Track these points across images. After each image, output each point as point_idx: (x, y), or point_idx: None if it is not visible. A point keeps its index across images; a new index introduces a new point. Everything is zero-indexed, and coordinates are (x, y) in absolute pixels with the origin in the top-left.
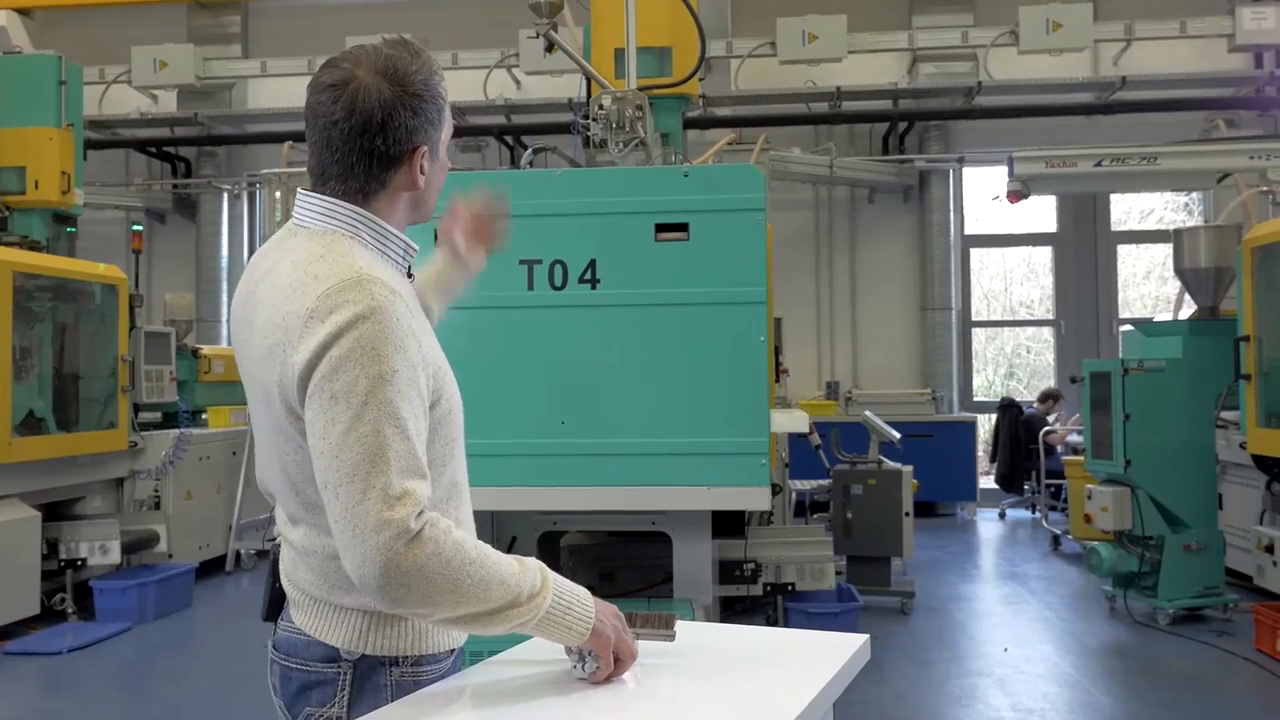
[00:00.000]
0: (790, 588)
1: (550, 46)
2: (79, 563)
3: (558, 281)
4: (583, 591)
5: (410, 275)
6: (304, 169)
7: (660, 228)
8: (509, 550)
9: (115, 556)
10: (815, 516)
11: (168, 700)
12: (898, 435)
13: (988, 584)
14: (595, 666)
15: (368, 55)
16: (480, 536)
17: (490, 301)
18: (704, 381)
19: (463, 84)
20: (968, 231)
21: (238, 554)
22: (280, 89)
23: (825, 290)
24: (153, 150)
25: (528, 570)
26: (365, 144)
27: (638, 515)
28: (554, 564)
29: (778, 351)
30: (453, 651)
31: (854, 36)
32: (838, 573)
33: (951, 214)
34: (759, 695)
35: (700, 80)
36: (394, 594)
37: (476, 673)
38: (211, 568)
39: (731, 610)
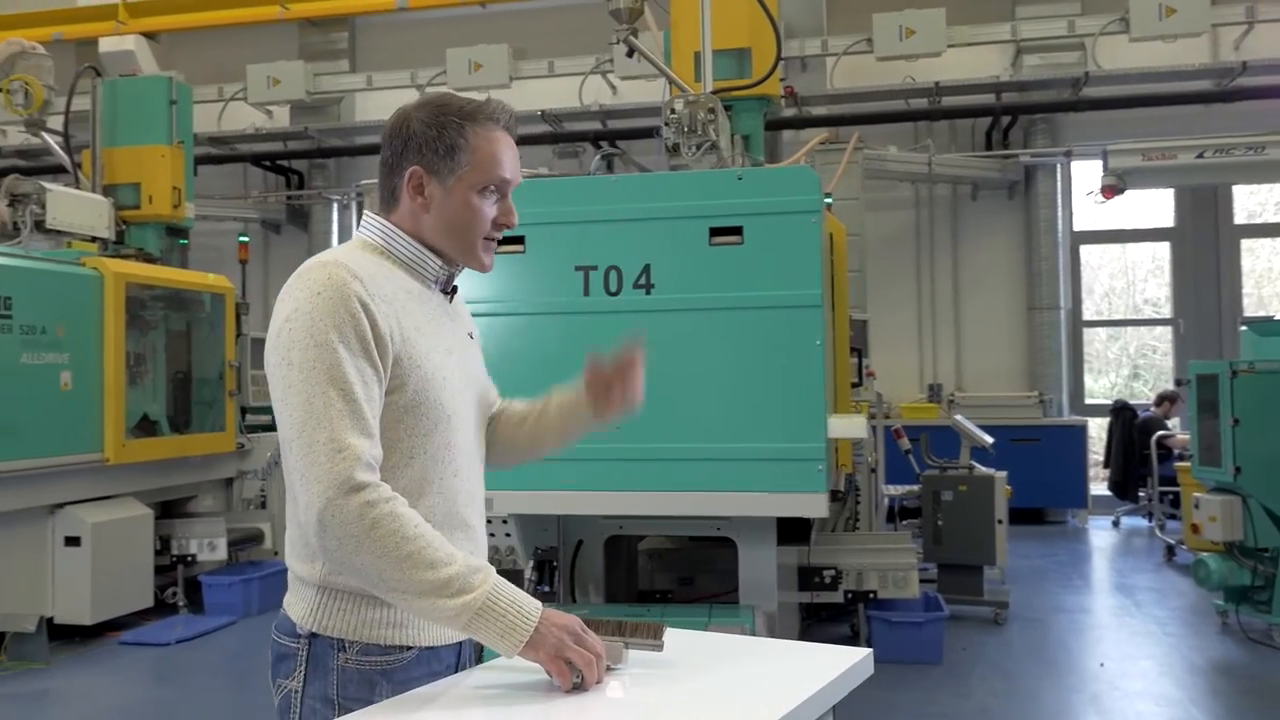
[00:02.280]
0: (872, 595)
1: (631, 51)
2: (189, 558)
3: (613, 287)
4: (529, 605)
5: (449, 292)
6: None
7: (715, 231)
8: (575, 554)
9: (223, 553)
10: (905, 523)
11: (269, 691)
12: (990, 440)
13: (1092, 595)
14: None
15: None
16: (546, 541)
17: (547, 307)
18: (759, 386)
19: (559, 91)
20: (1077, 227)
21: None
22: (385, 101)
23: (926, 290)
24: (267, 164)
25: (468, 569)
26: (383, 155)
27: (702, 521)
28: (632, 568)
29: (859, 354)
30: (410, 649)
31: (953, 30)
32: (928, 581)
33: (1059, 210)
34: (730, 706)
35: (782, 80)
36: (325, 543)
37: (463, 678)
38: None
39: (816, 618)
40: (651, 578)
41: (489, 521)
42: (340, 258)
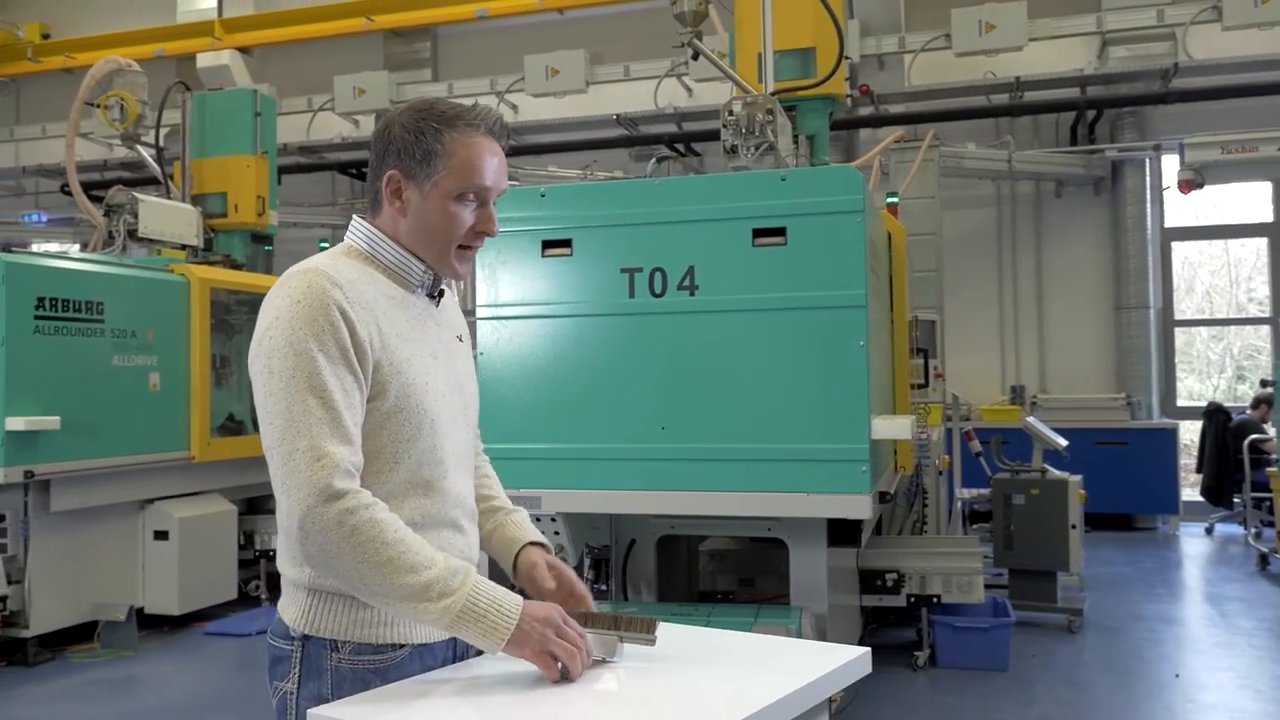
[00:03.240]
0: (936, 600)
1: (695, 55)
2: (272, 553)
3: (658, 289)
4: (509, 603)
5: (435, 296)
6: None
7: (758, 233)
8: (627, 553)
9: None
10: (975, 527)
11: None
12: (1063, 443)
13: (1175, 604)
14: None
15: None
16: (599, 539)
17: (593, 309)
18: (802, 387)
19: (634, 95)
20: (1168, 224)
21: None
22: None
23: (1009, 290)
24: (353, 172)
25: (448, 571)
26: (370, 159)
27: (750, 521)
28: (692, 568)
29: (925, 354)
30: (403, 646)
31: (1035, 23)
32: (999, 587)
33: (1148, 206)
34: (710, 698)
35: (847, 80)
36: (307, 549)
37: (450, 671)
38: None
39: (884, 622)
40: (713, 578)
41: (537, 520)
42: (321, 265)
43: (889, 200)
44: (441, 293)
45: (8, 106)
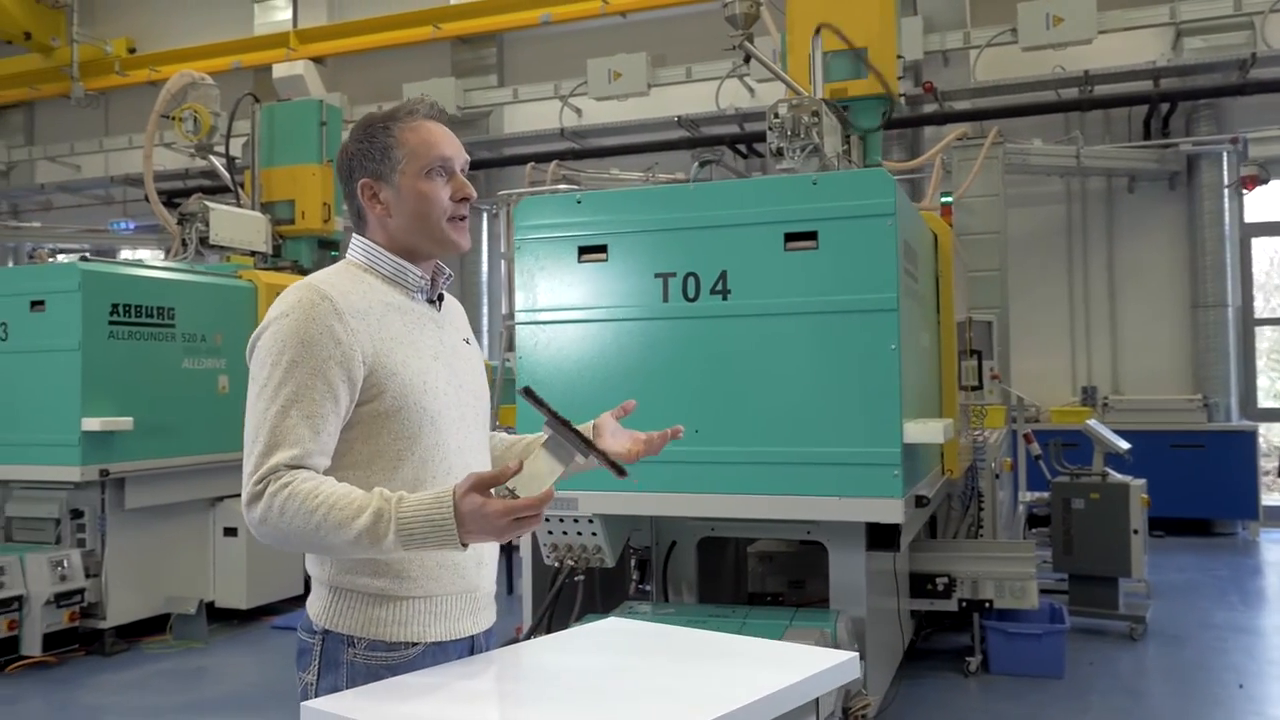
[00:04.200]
0: (988, 605)
1: (748, 58)
2: None
3: (690, 293)
4: (437, 510)
5: (435, 301)
6: (544, 189)
7: (789, 237)
8: (667, 555)
9: None
10: (1034, 531)
11: None
12: (1125, 445)
13: (1247, 612)
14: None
15: None
16: (640, 541)
17: (628, 314)
18: (835, 391)
19: (696, 96)
20: (1248, 219)
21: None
22: (531, 113)
23: (1079, 288)
24: None
25: (373, 517)
26: (341, 187)
27: (789, 524)
28: (740, 569)
29: (979, 355)
30: (415, 645)
31: (1105, 15)
32: (1059, 592)
33: (1226, 200)
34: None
35: (900, 78)
36: (265, 540)
37: (450, 670)
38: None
39: (939, 626)
40: (762, 580)
41: (575, 520)
42: (315, 279)
43: (943, 200)
44: (441, 297)
45: (97, 119)
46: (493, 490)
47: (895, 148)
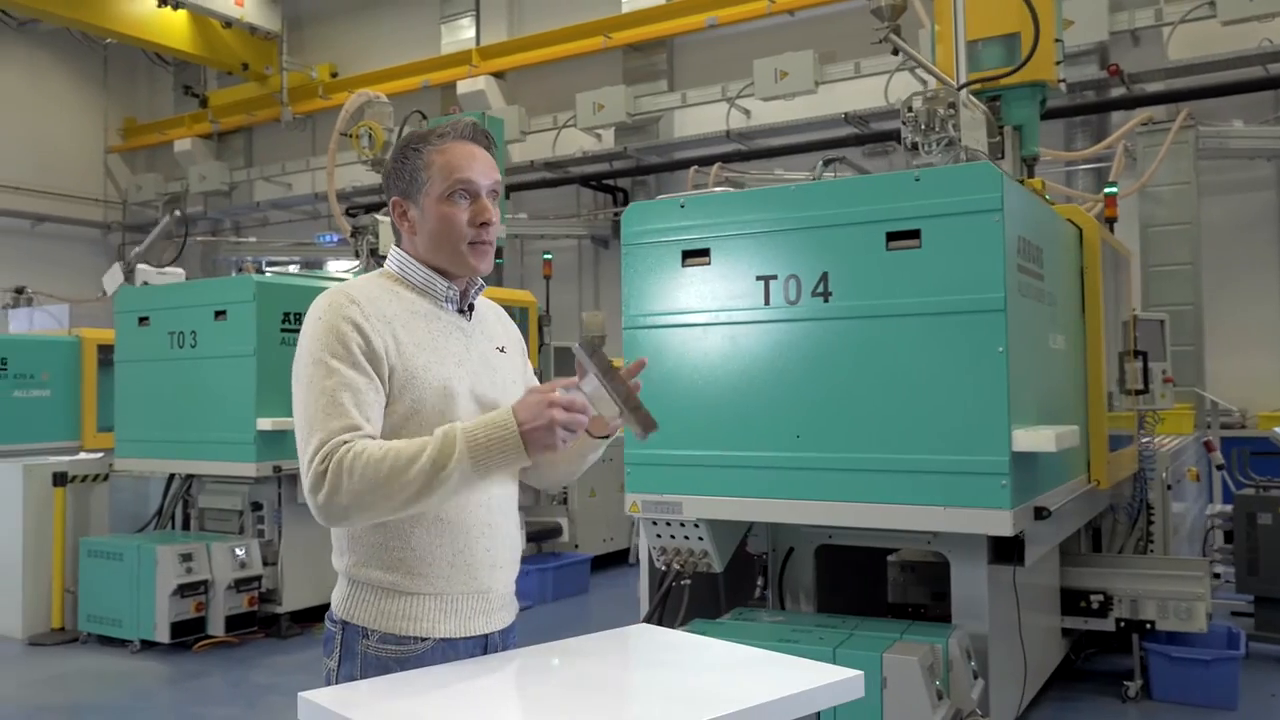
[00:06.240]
0: (1149, 626)
1: (895, 50)
2: None
3: (792, 296)
4: (499, 420)
5: (465, 311)
6: (707, 190)
7: (891, 236)
8: (784, 561)
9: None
10: (1218, 548)
11: None
12: None
13: None
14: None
15: None
16: (758, 548)
17: (730, 317)
18: (938, 395)
19: (864, 91)
20: None
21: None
22: (700, 116)
23: None
24: (594, 184)
25: (438, 443)
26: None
27: (905, 534)
28: (880, 581)
29: (1145, 357)
30: (424, 640)
31: None
32: (1244, 615)
33: None
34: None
35: (1058, 62)
36: (339, 522)
37: (450, 669)
38: (618, 559)
39: (1105, 647)
40: (904, 590)
41: (681, 525)
42: (346, 286)
43: (1107, 191)
44: (472, 306)
45: (305, 140)
46: None
47: (1080, 135)
